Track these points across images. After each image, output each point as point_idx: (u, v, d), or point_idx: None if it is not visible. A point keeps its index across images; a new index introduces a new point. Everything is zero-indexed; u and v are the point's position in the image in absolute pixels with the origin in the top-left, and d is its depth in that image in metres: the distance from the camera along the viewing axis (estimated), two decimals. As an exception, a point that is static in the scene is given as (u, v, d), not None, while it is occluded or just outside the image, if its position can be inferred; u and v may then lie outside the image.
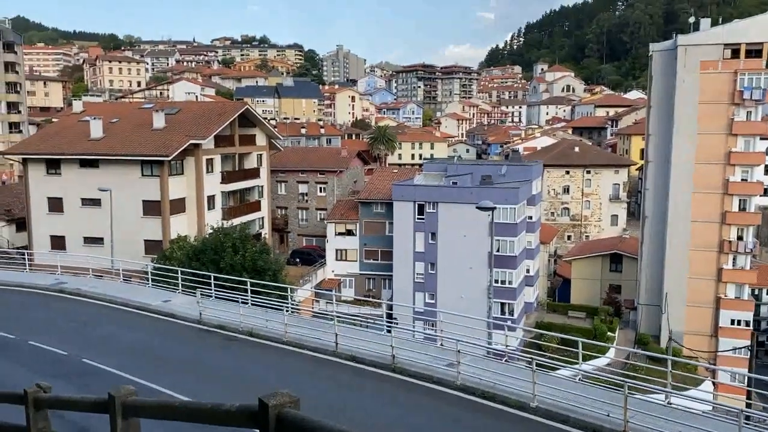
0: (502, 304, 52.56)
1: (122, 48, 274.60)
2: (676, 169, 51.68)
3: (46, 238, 45.61)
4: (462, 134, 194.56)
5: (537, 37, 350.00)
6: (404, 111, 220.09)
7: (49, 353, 17.53)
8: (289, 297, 22.09)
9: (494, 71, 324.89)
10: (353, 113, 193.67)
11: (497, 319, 46.21)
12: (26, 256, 29.76)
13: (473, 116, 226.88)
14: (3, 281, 26.35)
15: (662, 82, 53.50)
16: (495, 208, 18.46)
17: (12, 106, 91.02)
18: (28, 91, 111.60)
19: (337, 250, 61.92)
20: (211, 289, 22.11)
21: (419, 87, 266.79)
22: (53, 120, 75.56)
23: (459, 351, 14.14)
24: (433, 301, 54.75)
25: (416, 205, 54.76)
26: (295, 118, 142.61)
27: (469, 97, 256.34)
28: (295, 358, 16.95)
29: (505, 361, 14.99)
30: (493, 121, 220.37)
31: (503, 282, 51.77)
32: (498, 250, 50.71)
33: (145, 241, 43.86)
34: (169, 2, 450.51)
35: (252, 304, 20.68)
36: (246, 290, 21.19)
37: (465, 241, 53.06)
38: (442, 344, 16.41)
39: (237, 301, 20.07)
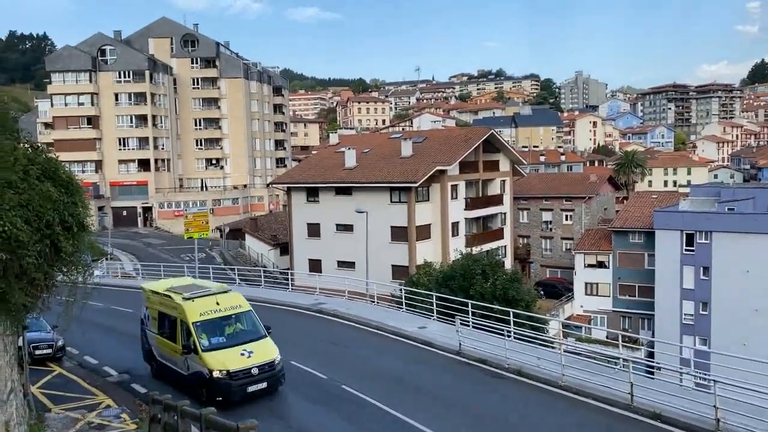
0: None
1: (369, 90, 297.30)
2: None
3: (305, 261, 48.48)
4: (724, 158, 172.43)
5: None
6: (653, 135, 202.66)
7: (309, 375, 16.98)
8: (560, 333, 19.16)
9: (759, 88, 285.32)
10: (595, 139, 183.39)
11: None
12: (290, 277, 31.02)
13: (737, 138, 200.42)
14: (270, 299, 27.53)
15: None
16: None
17: (278, 144, 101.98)
18: (291, 132, 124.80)
19: (586, 284, 56.84)
20: (467, 317, 20.18)
21: (669, 109, 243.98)
22: (314, 153, 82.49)
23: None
24: (705, 347, 46.90)
25: (684, 235, 47.77)
26: (534, 146, 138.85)
27: (731, 118, 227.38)
28: (578, 408, 14.02)
29: None
30: (762, 143, 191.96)
31: (804, 329, 42.39)
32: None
33: (392, 266, 44.19)
34: (410, 47, 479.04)
35: (515, 338, 18.20)
36: (498, 320, 18.99)
37: (748, 278, 44.78)
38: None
39: (502, 334, 17.76)
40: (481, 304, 21.30)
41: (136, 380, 18.28)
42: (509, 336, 17.92)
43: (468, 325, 19.96)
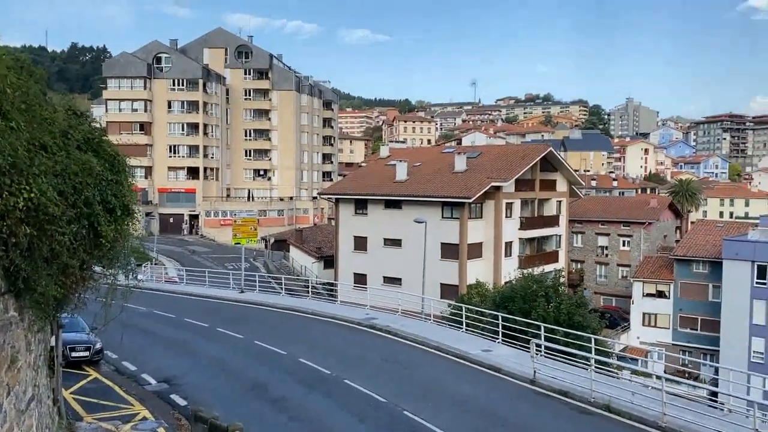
0: None
1: (415, 110, 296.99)
2: None
3: (350, 275, 46.86)
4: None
5: None
6: (706, 165, 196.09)
7: (366, 397, 15.17)
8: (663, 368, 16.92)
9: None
10: (646, 167, 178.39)
11: None
12: (338, 290, 29.43)
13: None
14: (318, 311, 25.97)
15: None
16: None
17: (326, 158, 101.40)
18: (338, 148, 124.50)
19: (644, 314, 53.66)
20: (538, 342, 18.10)
21: (724, 139, 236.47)
22: (363, 165, 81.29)
23: None
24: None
25: (755, 267, 44.48)
26: (585, 170, 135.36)
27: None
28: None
29: None
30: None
31: None
32: None
33: (441, 284, 42.18)
34: (459, 71, 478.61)
35: (596, 369, 16.01)
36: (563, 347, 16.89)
37: (828, 316, 41.25)
38: None
39: (580, 362, 15.66)
40: (556, 328, 19.21)
41: (176, 390, 16.79)
42: (591, 366, 15.74)
43: (540, 352, 17.88)
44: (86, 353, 19.22)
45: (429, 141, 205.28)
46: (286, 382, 16.47)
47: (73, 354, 18.75)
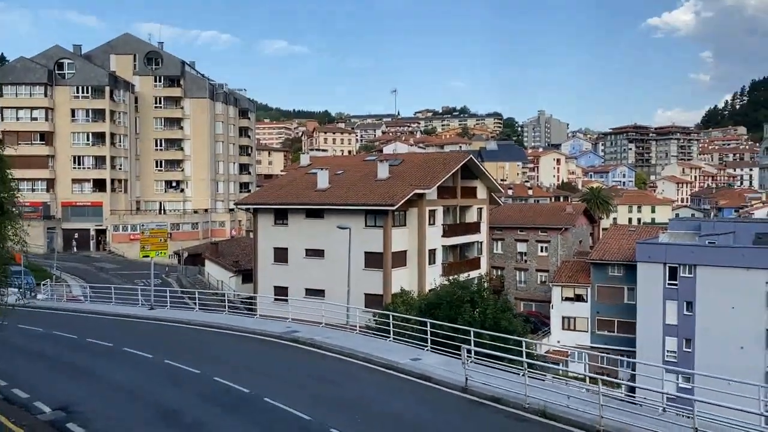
0: (789, 397, 41.25)
1: (335, 122, 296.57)
2: None
3: (270, 289, 45.19)
4: (683, 198, 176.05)
5: (766, 96, 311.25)
6: (614, 174, 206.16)
7: (290, 416, 13.93)
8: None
9: (713, 132, 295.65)
10: (558, 176, 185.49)
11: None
12: (257, 304, 27.89)
13: (695, 179, 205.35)
14: (236, 326, 24.39)
15: None
16: None
17: (243, 168, 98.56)
18: (256, 159, 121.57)
19: (563, 318, 54.78)
20: (467, 347, 17.47)
21: (630, 149, 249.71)
22: (283, 173, 79.34)
23: None
24: (688, 385, 45.01)
25: (667, 268, 46.26)
26: (502, 180, 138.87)
27: (689, 159, 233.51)
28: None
29: None
30: (719, 185, 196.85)
31: (791, 368, 40.86)
32: (786, 327, 40.40)
33: (365, 294, 41.28)
34: (377, 83, 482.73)
35: (529, 374, 15.51)
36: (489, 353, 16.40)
37: (733, 314, 43.30)
38: None
39: (512, 367, 15.09)
40: (483, 332, 18.67)
41: (74, 419, 14.94)
42: (524, 371, 15.19)
43: (471, 358, 17.24)
44: (-32, 382, 16.98)
45: (350, 152, 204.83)
46: (201, 405, 14.99)
47: (-48, 384, 16.50)
